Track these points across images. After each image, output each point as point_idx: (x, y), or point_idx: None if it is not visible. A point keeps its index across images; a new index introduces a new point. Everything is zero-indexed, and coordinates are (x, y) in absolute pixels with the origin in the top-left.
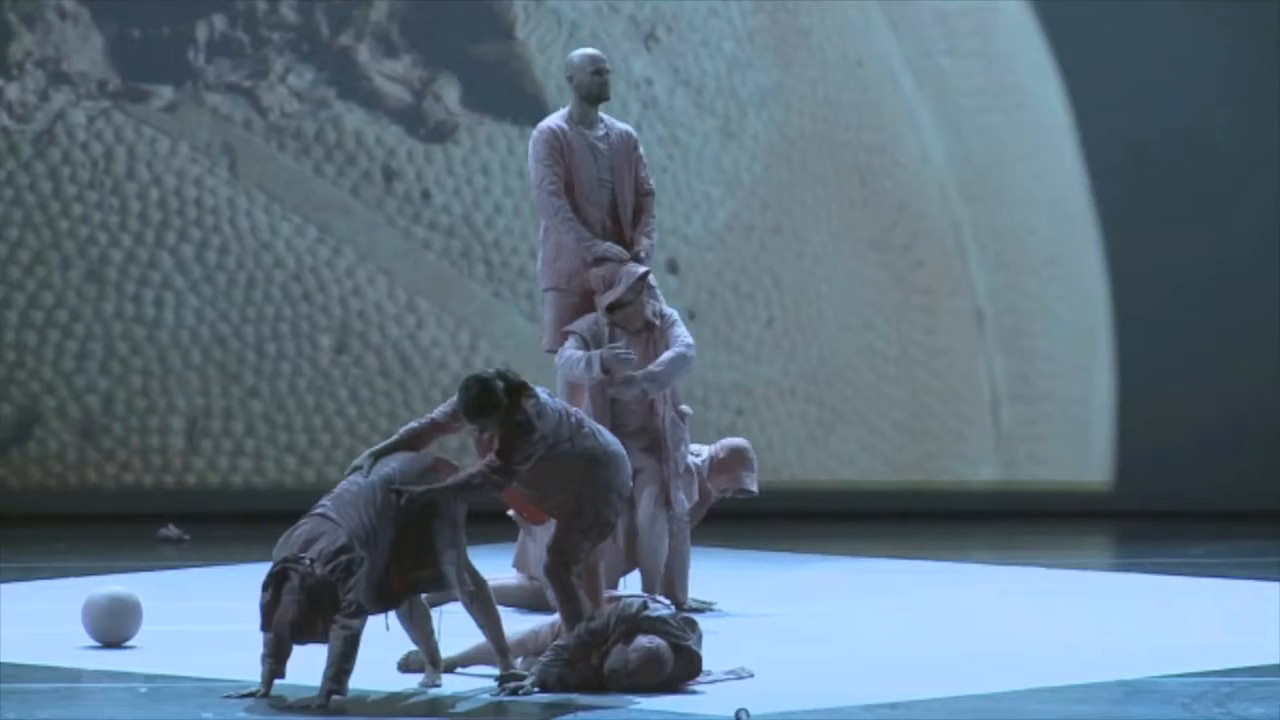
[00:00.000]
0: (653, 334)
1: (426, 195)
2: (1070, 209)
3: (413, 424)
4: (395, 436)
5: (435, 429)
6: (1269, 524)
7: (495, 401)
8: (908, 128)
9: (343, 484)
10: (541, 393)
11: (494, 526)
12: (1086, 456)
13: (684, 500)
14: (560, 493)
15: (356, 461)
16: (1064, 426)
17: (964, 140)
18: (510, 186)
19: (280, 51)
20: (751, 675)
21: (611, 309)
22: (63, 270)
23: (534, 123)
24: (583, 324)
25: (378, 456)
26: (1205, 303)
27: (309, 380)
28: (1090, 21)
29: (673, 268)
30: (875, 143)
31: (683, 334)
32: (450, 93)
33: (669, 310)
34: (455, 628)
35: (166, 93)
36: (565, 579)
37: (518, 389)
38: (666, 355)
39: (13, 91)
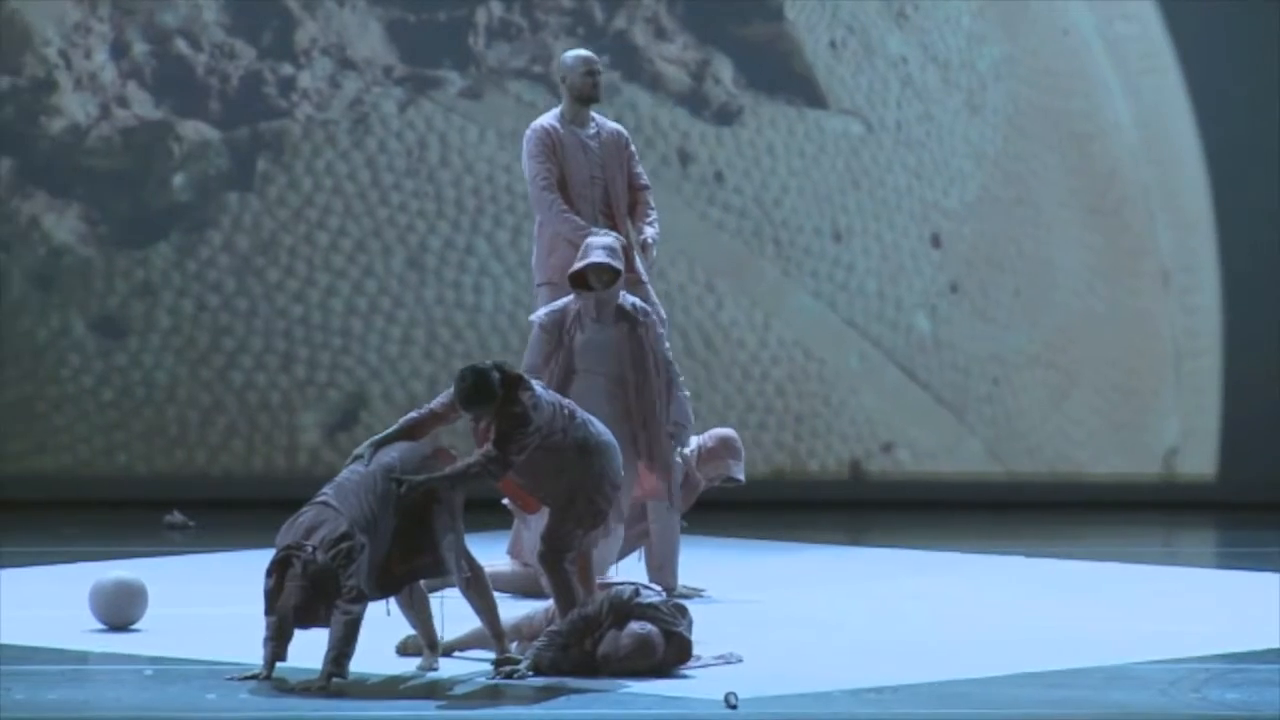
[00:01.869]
0: (634, 329)
1: (719, 177)
2: (1194, 166)
3: (412, 414)
4: (395, 426)
5: (434, 419)
6: None
7: (491, 392)
8: (1106, 94)
9: (344, 472)
10: (536, 385)
11: (489, 514)
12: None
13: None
14: (554, 482)
15: (357, 450)
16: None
17: (1142, 103)
18: (794, 167)
19: (557, 35)
20: (740, 660)
21: (580, 282)
22: (384, 258)
23: (810, 103)
24: (548, 316)
25: (378, 446)
26: None
27: None
28: None
29: (936, 242)
30: (1084, 110)
31: (671, 359)
32: (725, 74)
33: (649, 309)
34: (452, 613)
35: (453, 78)
36: (559, 566)
37: (514, 381)
38: (683, 407)
39: (305, 79)
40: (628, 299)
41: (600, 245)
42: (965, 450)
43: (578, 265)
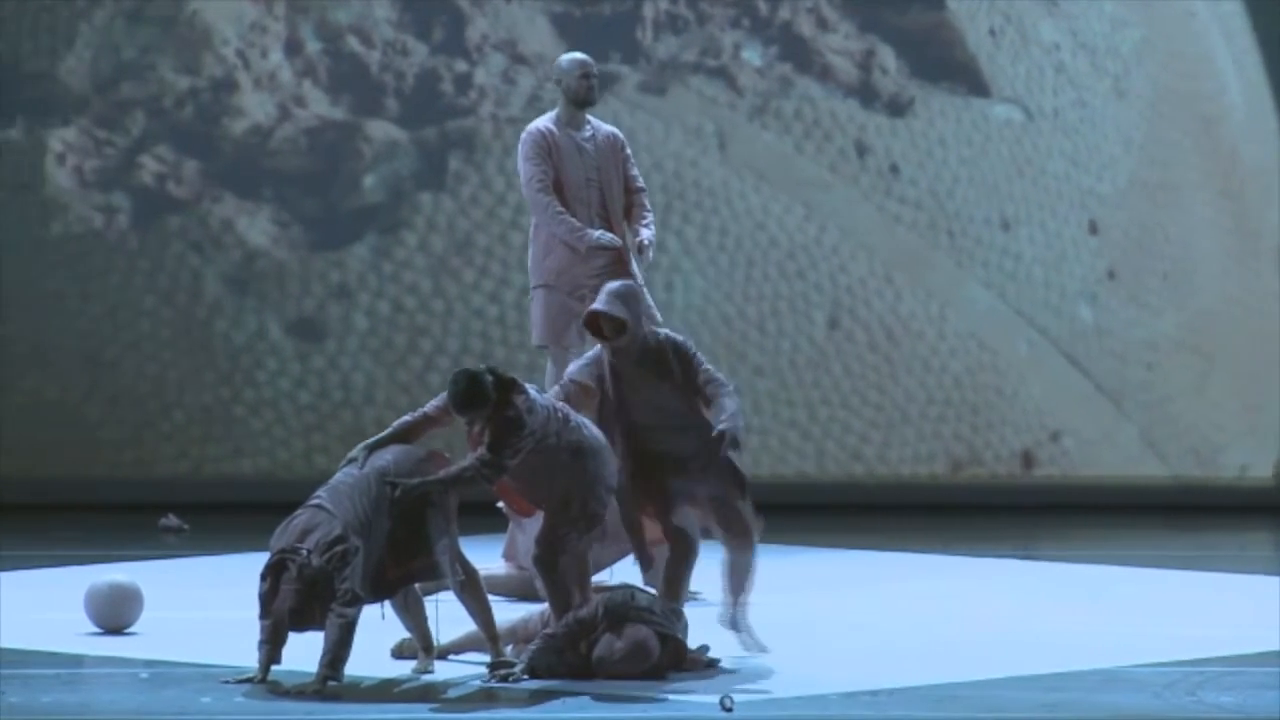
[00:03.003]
0: (666, 364)
1: (895, 169)
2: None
3: (406, 417)
4: (389, 430)
5: (427, 422)
6: None
7: (484, 396)
8: (1225, 75)
9: (338, 475)
10: (531, 389)
11: (484, 518)
12: None
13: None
14: (548, 485)
15: (352, 454)
16: None
17: (1246, 82)
18: (964, 157)
19: (723, 28)
20: (734, 664)
21: (597, 329)
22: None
23: (974, 92)
24: (581, 371)
25: (372, 449)
26: None
27: (807, 357)
28: None
29: (1093, 229)
30: (1209, 91)
31: (715, 372)
32: (890, 64)
33: (672, 333)
34: (447, 616)
35: (624, 72)
36: (553, 569)
37: (507, 385)
38: (724, 406)
39: (480, 76)
40: (655, 334)
41: (607, 291)
42: (1123, 437)
43: (589, 309)
